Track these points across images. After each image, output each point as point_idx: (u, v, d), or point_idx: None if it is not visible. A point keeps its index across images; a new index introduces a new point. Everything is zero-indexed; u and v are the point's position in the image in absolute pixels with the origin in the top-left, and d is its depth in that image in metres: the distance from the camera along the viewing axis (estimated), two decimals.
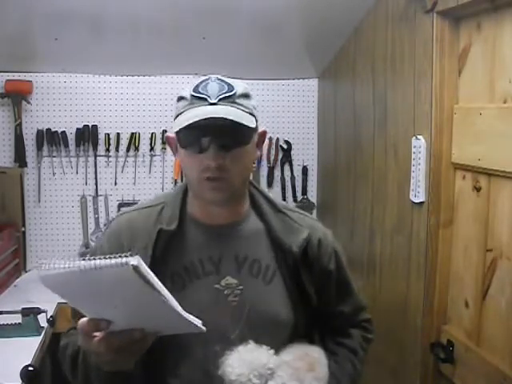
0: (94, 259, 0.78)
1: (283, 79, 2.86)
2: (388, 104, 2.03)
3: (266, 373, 1.05)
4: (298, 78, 2.87)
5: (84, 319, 0.90)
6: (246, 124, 1.05)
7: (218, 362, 1.07)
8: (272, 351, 1.09)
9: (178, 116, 1.10)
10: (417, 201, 1.78)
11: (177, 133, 1.10)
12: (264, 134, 1.19)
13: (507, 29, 1.42)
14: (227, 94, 1.07)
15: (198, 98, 1.07)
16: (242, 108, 1.08)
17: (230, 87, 1.09)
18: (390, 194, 2.02)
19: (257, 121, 1.13)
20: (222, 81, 1.10)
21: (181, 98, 1.11)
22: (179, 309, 0.88)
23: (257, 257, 1.19)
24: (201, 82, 1.10)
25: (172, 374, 1.15)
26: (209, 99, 1.06)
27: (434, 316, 1.72)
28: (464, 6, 1.52)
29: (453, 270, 1.69)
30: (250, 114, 1.10)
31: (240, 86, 1.11)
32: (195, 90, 1.09)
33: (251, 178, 1.25)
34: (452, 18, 1.63)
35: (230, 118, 1.04)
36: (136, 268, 0.77)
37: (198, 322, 0.92)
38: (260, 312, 1.16)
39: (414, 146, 1.78)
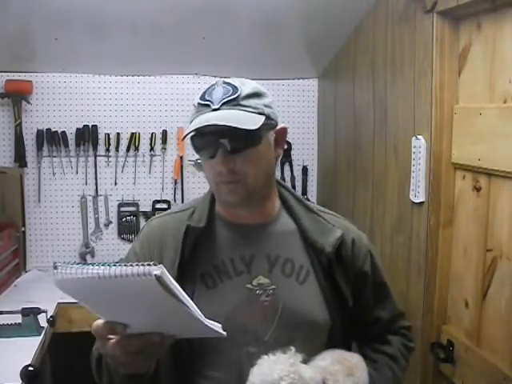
0: (115, 265, 0.75)
1: (283, 79, 2.86)
2: (388, 104, 2.03)
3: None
4: (298, 78, 2.87)
5: (99, 321, 0.89)
6: (243, 127, 1.03)
7: (252, 363, 1.03)
8: (299, 358, 1.01)
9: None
10: (417, 201, 1.78)
11: (191, 140, 1.12)
12: (283, 130, 1.17)
13: (507, 29, 1.42)
14: (230, 98, 1.07)
15: (203, 105, 1.09)
16: (247, 109, 1.07)
17: (235, 90, 1.08)
18: (389, 194, 2.02)
19: (272, 119, 1.12)
20: (228, 84, 1.10)
21: (193, 106, 1.13)
22: (201, 316, 0.85)
23: (289, 256, 1.17)
24: (208, 88, 1.11)
25: (204, 376, 1.13)
26: (212, 105, 1.07)
27: (434, 316, 1.72)
28: (464, 6, 1.52)
29: (453, 269, 1.69)
30: (259, 113, 1.08)
31: (247, 87, 1.10)
32: (201, 97, 1.10)
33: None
34: (452, 18, 1.63)
35: (223, 123, 1.03)
36: (159, 278, 0.74)
37: (218, 328, 0.90)
38: (293, 311, 1.13)
39: (414, 146, 1.78)
